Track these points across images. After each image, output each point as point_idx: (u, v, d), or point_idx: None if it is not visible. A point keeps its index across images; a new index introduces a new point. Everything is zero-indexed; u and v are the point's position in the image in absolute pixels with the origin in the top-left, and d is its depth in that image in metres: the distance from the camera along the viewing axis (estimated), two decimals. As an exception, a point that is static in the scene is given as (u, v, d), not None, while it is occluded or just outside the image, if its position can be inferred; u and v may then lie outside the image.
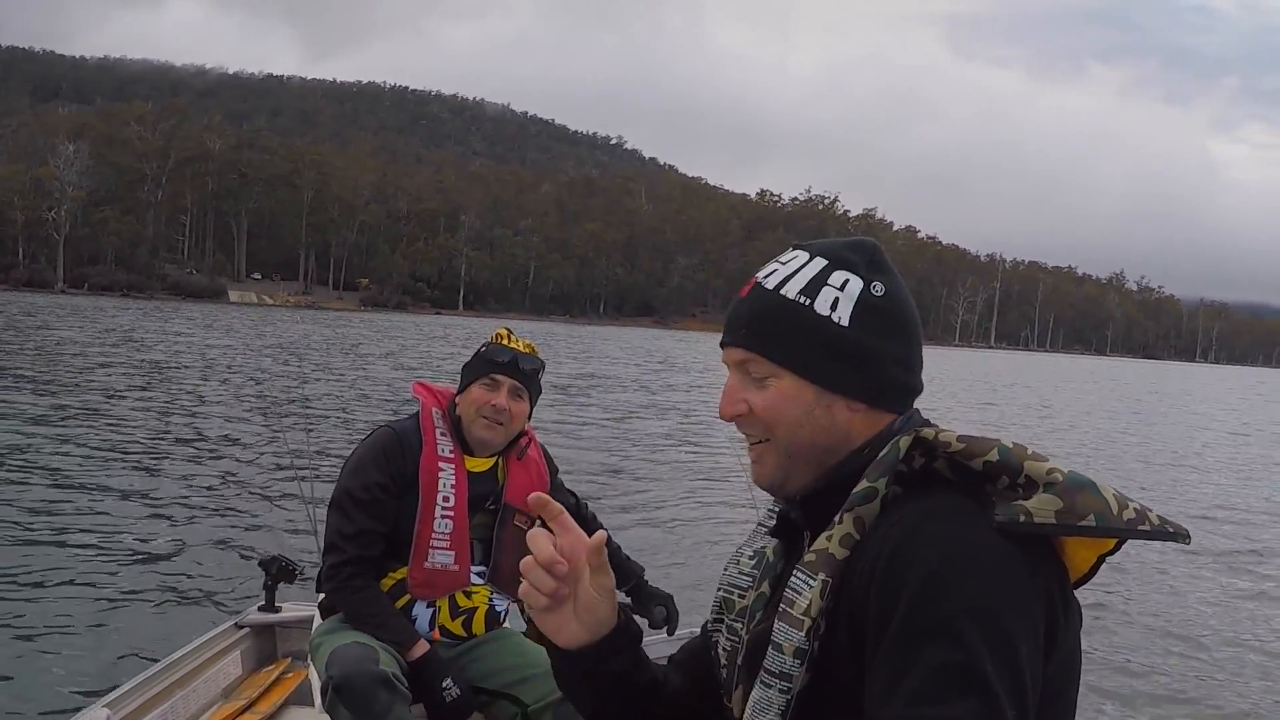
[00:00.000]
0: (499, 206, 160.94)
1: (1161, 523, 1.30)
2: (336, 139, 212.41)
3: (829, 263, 1.47)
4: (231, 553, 8.89)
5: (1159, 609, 9.51)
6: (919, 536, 1.28)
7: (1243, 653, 8.45)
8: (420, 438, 3.43)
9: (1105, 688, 7.25)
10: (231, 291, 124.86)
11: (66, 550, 8.72)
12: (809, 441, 1.44)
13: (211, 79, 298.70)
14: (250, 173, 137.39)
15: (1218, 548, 12.45)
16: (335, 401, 22.10)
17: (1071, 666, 1.35)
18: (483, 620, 3.49)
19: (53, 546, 8.81)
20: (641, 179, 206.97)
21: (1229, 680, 7.72)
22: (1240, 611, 9.73)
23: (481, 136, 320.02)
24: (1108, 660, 7.87)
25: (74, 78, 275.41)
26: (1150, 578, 10.56)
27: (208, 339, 43.73)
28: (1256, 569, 11.54)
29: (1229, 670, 7.97)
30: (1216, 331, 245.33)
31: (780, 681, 1.34)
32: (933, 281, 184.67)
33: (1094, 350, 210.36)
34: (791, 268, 1.48)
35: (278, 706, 3.95)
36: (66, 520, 9.70)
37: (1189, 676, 7.76)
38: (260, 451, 14.23)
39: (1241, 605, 9.99)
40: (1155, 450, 24.91)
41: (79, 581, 7.86)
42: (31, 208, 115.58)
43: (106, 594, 7.61)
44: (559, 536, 1.42)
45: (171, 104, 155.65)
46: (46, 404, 18.35)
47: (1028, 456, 1.31)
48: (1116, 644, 8.36)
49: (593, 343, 72.23)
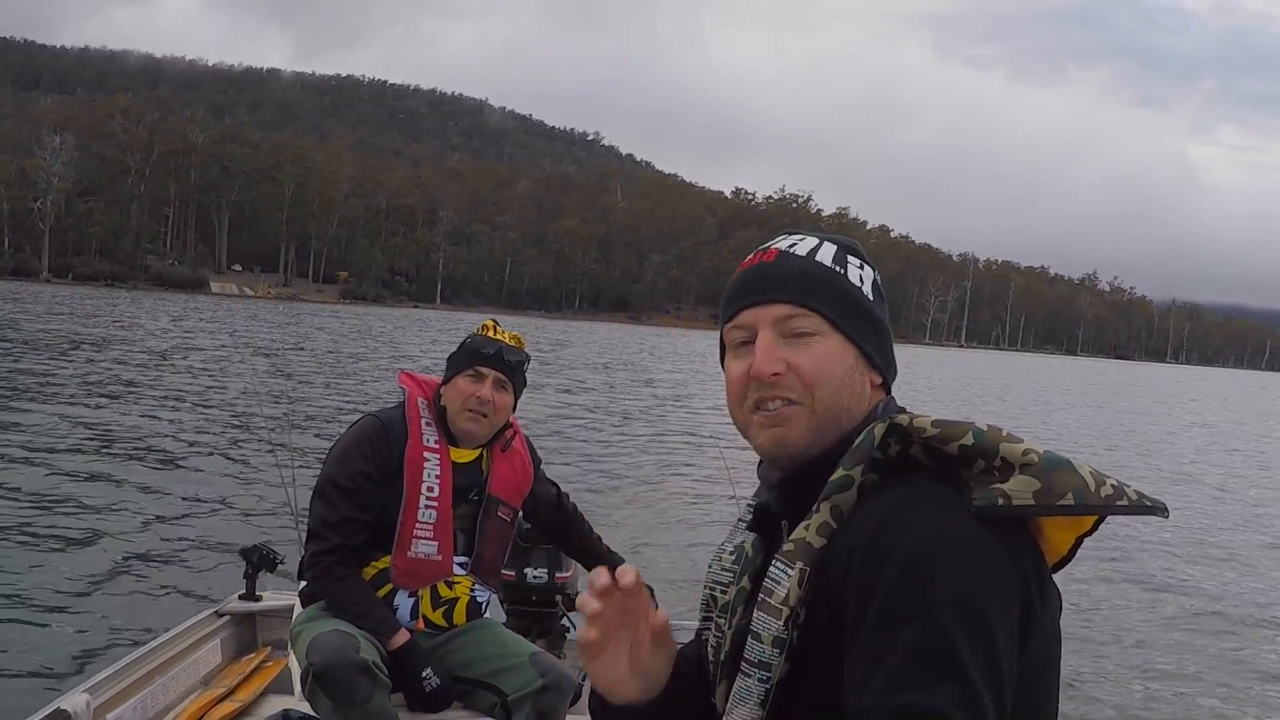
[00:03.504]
0: (476, 202, 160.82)
1: (1139, 498, 1.29)
2: (315, 132, 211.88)
3: (839, 247, 1.50)
4: (212, 541, 8.91)
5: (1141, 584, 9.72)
6: (895, 524, 1.27)
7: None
8: (406, 427, 3.43)
9: (1085, 672, 7.39)
10: (213, 283, 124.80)
11: (48, 538, 8.72)
12: (844, 406, 1.43)
13: (192, 71, 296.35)
14: (232, 166, 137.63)
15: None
16: (317, 391, 22.08)
17: (1050, 652, 1.35)
18: (464, 611, 3.49)
19: (34, 534, 8.81)
20: (618, 175, 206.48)
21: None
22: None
23: (459, 131, 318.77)
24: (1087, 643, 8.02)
25: (54, 68, 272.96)
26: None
27: (190, 329, 43.55)
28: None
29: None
30: (1188, 332, 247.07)
31: (759, 671, 1.34)
32: (904, 280, 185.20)
33: (1065, 350, 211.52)
34: (811, 244, 1.49)
35: (257, 694, 3.96)
36: (48, 508, 9.71)
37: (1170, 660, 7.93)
38: (242, 441, 14.24)
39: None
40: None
41: (60, 568, 7.87)
42: (17, 198, 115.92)
43: (87, 581, 7.61)
44: (629, 599, 1.42)
45: (154, 97, 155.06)
46: (27, 393, 18.26)
47: (1003, 438, 1.31)
48: (1097, 627, 8.51)
49: (570, 336, 72.27)
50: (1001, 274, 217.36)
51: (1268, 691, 7.64)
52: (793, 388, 1.42)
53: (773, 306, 1.45)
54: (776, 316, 1.44)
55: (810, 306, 1.44)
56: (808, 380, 1.42)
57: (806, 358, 1.42)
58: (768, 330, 1.45)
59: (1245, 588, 10.81)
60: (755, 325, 1.46)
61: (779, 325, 1.44)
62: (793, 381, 1.42)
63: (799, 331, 1.44)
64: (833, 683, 1.28)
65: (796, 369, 1.42)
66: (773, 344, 1.44)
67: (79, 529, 9.03)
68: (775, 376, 1.42)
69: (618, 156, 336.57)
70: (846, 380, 1.43)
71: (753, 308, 1.47)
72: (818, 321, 1.43)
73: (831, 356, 1.43)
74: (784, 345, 1.44)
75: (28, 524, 9.07)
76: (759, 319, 1.45)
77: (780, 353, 1.43)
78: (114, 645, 6.21)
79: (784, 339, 1.44)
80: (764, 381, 1.43)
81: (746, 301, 1.48)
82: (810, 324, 1.43)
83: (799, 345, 1.43)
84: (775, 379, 1.43)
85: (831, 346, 1.43)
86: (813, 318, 1.43)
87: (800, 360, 1.42)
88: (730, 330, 1.50)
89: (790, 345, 1.43)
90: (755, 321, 1.46)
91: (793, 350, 1.43)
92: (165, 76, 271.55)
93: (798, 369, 1.42)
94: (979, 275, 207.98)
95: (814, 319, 1.43)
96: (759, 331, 1.45)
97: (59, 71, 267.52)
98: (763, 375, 1.43)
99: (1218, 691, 7.53)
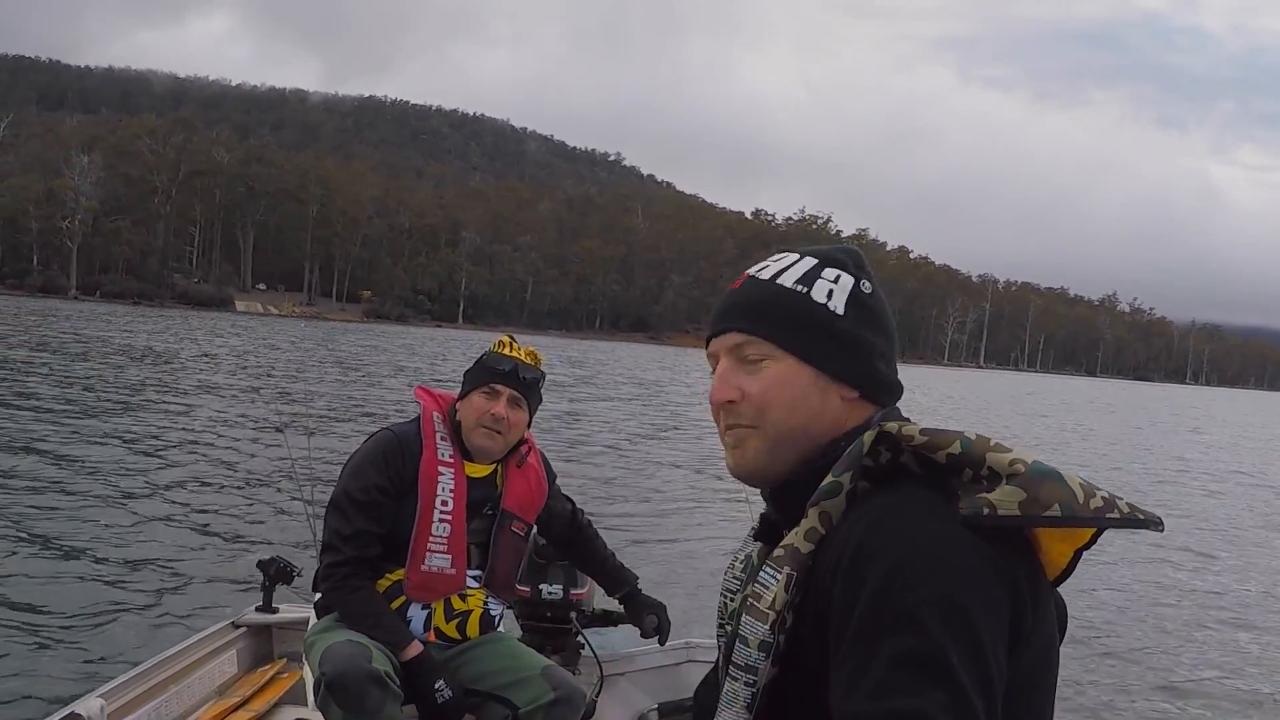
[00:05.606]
0: (499, 223, 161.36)
1: (1132, 510, 1.28)
2: (339, 152, 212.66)
3: (819, 261, 1.51)
4: (230, 553, 8.95)
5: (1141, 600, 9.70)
6: (882, 530, 1.28)
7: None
8: (421, 441, 3.44)
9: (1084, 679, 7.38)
10: (238, 301, 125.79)
11: (67, 546, 8.78)
12: (800, 427, 1.45)
13: (216, 91, 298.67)
14: (257, 186, 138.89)
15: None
16: (336, 404, 22.16)
17: (1045, 661, 1.34)
18: (477, 623, 3.50)
19: (54, 542, 8.87)
20: (639, 196, 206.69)
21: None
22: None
23: (481, 151, 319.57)
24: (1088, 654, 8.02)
25: (79, 87, 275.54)
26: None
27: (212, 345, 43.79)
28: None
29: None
30: (1208, 353, 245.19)
31: (745, 674, 1.35)
32: (923, 301, 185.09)
33: (1084, 371, 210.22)
34: (784, 263, 1.52)
35: (271, 705, 3.98)
36: (68, 516, 9.79)
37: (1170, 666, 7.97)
38: (261, 453, 14.31)
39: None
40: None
41: (79, 577, 7.93)
42: (46, 217, 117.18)
43: (105, 590, 7.66)
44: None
45: (180, 118, 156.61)
46: (53, 404, 18.47)
47: (990, 448, 1.31)
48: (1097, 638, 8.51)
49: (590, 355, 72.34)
50: (1021, 295, 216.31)
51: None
52: (745, 414, 1.45)
53: (728, 335, 1.49)
54: (730, 345, 1.48)
55: (759, 333, 1.46)
56: (757, 405, 1.44)
57: (755, 384, 1.45)
58: (725, 358, 1.49)
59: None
60: (718, 354, 1.50)
61: (734, 352, 1.48)
62: (745, 408, 1.45)
63: (750, 359, 1.46)
64: (820, 687, 1.28)
65: (747, 395, 1.45)
66: (729, 371, 1.48)
67: (98, 538, 9.08)
68: (729, 404, 1.46)
69: (639, 177, 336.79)
70: (800, 402, 1.44)
71: (716, 337, 1.51)
72: (767, 347, 1.45)
73: (780, 381, 1.44)
74: (740, 372, 1.47)
75: (47, 532, 9.14)
76: (719, 348, 1.50)
77: (735, 379, 1.46)
78: (130, 653, 6.23)
79: (741, 365, 1.47)
80: (721, 407, 1.48)
81: (712, 330, 1.52)
82: (759, 350, 1.46)
83: (752, 371, 1.46)
84: (730, 406, 1.46)
85: (781, 370, 1.45)
86: (762, 344, 1.45)
87: (750, 386, 1.45)
88: (708, 357, 1.54)
89: (746, 371, 1.46)
90: (717, 350, 1.51)
91: (747, 377, 1.46)
92: (189, 97, 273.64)
93: (748, 395, 1.45)
94: (998, 296, 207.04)
95: (763, 345, 1.45)
96: (720, 360, 1.50)
97: (83, 91, 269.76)
98: (717, 402, 1.48)
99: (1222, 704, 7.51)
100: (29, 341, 35.89)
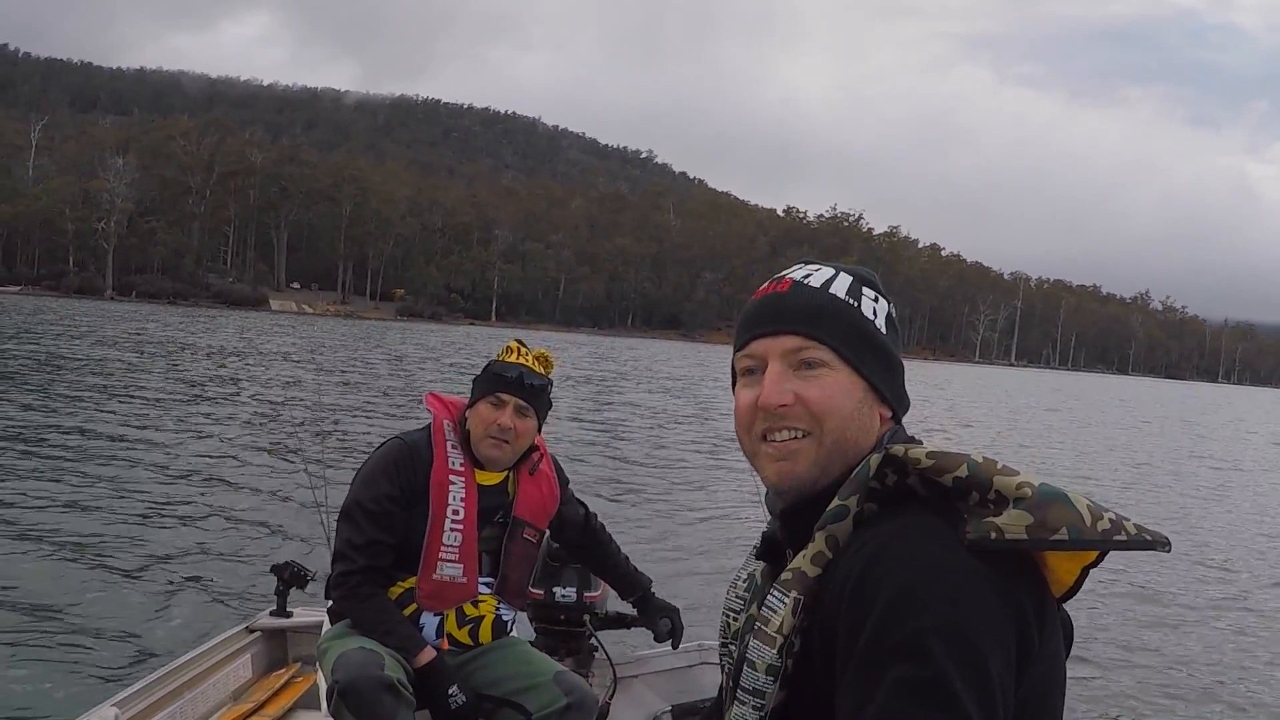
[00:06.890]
0: (531, 221, 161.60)
1: (1139, 531, 1.27)
2: (370, 151, 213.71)
3: (854, 279, 1.50)
4: (245, 557, 8.96)
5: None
6: (888, 555, 1.27)
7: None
8: (431, 450, 3.43)
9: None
10: (272, 300, 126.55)
11: (82, 550, 8.82)
12: (852, 440, 1.43)
13: (248, 92, 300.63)
14: (291, 186, 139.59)
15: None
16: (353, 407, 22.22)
17: (1051, 684, 1.33)
18: (489, 629, 3.50)
19: (67, 546, 8.91)
20: (671, 193, 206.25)
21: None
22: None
23: (513, 149, 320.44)
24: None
25: (111, 89, 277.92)
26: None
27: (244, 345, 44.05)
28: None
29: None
30: (1241, 352, 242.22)
31: (754, 698, 1.35)
32: (955, 298, 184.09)
33: (1115, 369, 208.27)
34: (826, 274, 1.49)
35: (286, 710, 4.00)
36: (83, 520, 9.84)
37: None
38: (276, 458, 14.32)
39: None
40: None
41: (93, 582, 7.95)
42: (82, 218, 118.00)
43: (119, 595, 7.70)
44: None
45: (214, 119, 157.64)
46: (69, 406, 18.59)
47: (997, 471, 1.29)
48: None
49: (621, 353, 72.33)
50: (1053, 293, 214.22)
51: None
52: (801, 419, 1.42)
53: (783, 338, 1.45)
54: (787, 348, 1.44)
55: (820, 339, 1.43)
56: (816, 412, 1.42)
57: (815, 390, 1.42)
58: (777, 361, 1.45)
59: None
60: (765, 356, 1.46)
61: (789, 356, 1.44)
62: (801, 413, 1.42)
63: (808, 363, 1.44)
64: (827, 711, 1.28)
65: (805, 400, 1.42)
66: (781, 375, 1.44)
67: (112, 542, 9.12)
68: (783, 408, 1.42)
69: (670, 174, 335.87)
70: (855, 413, 1.43)
71: (764, 338, 1.47)
72: (828, 354, 1.43)
73: (840, 389, 1.43)
74: (793, 377, 1.43)
75: (62, 536, 9.18)
76: (769, 349, 1.46)
77: (789, 384, 1.43)
78: (145, 659, 6.26)
79: (794, 370, 1.44)
80: (772, 412, 1.43)
81: (758, 331, 1.48)
82: (820, 356, 1.43)
83: (808, 377, 1.43)
84: (783, 410, 1.42)
85: (841, 379, 1.43)
86: (823, 350, 1.43)
87: (809, 392, 1.42)
88: (741, 358, 1.50)
89: (800, 377, 1.43)
90: (765, 352, 1.46)
91: (802, 382, 1.43)
92: (221, 97, 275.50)
93: (806, 401, 1.42)
94: (1030, 294, 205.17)
95: (824, 351, 1.43)
96: (769, 362, 1.45)
97: (116, 93, 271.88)
98: (770, 406, 1.43)
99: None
100: (37, 347, 36.12)
